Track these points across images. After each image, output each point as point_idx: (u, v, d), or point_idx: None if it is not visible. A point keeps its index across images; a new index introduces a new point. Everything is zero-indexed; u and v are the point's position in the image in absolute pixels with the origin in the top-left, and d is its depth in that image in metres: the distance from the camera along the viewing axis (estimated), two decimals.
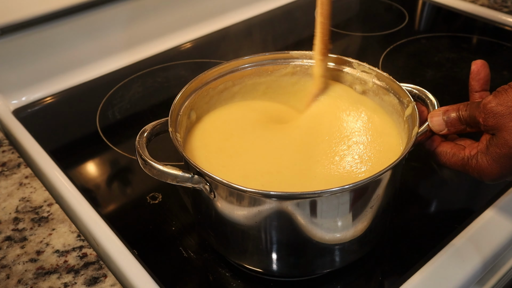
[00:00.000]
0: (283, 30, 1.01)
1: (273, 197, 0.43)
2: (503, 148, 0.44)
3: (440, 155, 0.50)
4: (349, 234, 0.48)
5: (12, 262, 0.53)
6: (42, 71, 0.84)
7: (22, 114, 0.80)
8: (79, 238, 0.55)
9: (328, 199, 0.44)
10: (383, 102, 0.57)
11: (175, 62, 0.92)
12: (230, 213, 0.46)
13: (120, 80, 0.86)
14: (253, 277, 0.53)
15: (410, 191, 0.63)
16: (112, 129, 0.76)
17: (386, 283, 0.53)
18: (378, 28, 1.01)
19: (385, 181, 0.46)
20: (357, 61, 0.58)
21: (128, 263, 0.54)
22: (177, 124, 0.51)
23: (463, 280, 0.52)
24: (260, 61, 0.60)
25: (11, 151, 0.68)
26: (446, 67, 0.87)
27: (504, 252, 0.56)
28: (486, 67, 0.51)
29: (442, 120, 0.49)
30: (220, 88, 0.59)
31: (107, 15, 0.88)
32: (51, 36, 0.83)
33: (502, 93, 0.45)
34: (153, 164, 0.45)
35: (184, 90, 0.54)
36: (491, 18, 1.01)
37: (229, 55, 0.91)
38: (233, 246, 0.51)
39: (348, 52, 0.95)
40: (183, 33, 0.98)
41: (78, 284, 0.50)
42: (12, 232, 0.56)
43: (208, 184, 0.45)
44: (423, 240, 0.56)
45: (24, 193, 0.61)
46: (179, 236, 0.57)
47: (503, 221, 0.57)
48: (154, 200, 0.62)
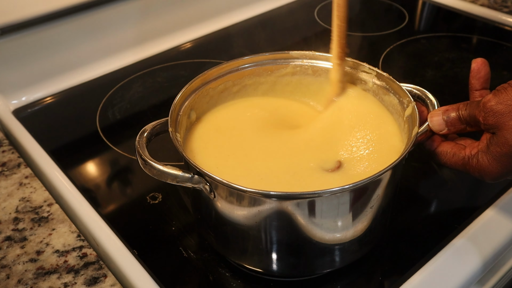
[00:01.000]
0: (283, 30, 1.01)
1: (273, 197, 0.43)
2: (503, 147, 0.44)
3: (441, 155, 0.50)
4: (349, 234, 0.48)
5: (12, 262, 0.53)
6: (42, 71, 0.84)
7: (22, 114, 0.80)
8: (79, 238, 0.55)
9: (328, 199, 0.44)
10: (383, 102, 0.57)
11: (175, 62, 0.92)
12: (230, 213, 0.46)
13: (120, 80, 0.86)
14: (253, 277, 0.53)
15: (410, 191, 0.63)
16: (112, 129, 0.76)
17: (386, 283, 0.53)
18: (378, 28, 1.01)
19: (385, 181, 0.46)
20: (357, 61, 0.58)
21: (128, 263, 0.54)
22: (177, 124, 0.51)
23: (463, 280, 0.52)
24: (260, 61, 0.60)
25: (11, 151, 0.68)
26: (446, 67, 0.87)
27: (504, 252, 0.56)
28: (486, 65, 0.51)
29: (442, 119, 0.49)
30: (220, 88, 0.59)
31: (107, 15, 0.88)
32: (51, 36, 0.83)
33: (502, 92, 0.45)
34: (153, 164, 0.45)
35: (184, 90, 0.54)
36: (491, 18, 1.01)
37: (229, 55, 0.91)
38: (233, 246, 0.51)
39: (348, 52, 0.95)
40: (183, 33, 0.98)
41: (78, 284, 0.50)
42: (12, 232, 0.56)
43: (208, 184, 0.45)
44: (423, 240, 0.56)
45: (24, 193, 0.61)
46: (179, 236, 0.57)
47: (503, 221, 0.57)
48: (154, 200, 0.62)
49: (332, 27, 0.56)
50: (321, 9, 1.08)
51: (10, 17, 0.77)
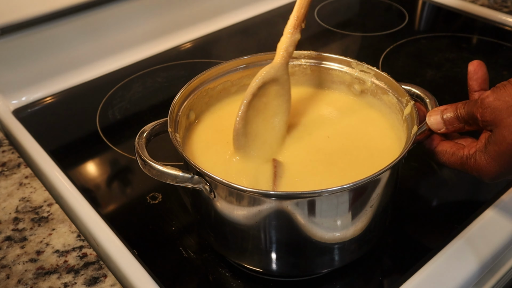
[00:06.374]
0: (282, 31, 1.00)
1: (273, 196, 0.43)
2: (501, 145, 0.44)
3: (440, 154, 0.50)
4: (349, 234, 0.48)
5: (12, 262, 0.53)
6: (42, 71, 0.84)
7: (22, 114, 0.80)
8: (79, 238, 0.56)
9: (328, 199, 0.44)
10: (382, 101, 0.57)
11: (175, 62, 0.92)
12: (230, 213, 0.46)
13: (120, 80, 0.86)
14: (253, 277, 0.53)
15: (410, 191, 0.63)
16: (112, 129, 0.76)
17: (386, 283, 0.53)
18: (378, 28, 1.01)
19: (384, 181, 0.46)
20: (355, 60, 0.58)
21: (128, 263, 0.54)
22: (176, 124, 0.51)
23: (463, 280, 0.52)
24: (259, 61, 0.60)
25: (11, 151, 0.68)
26: (446, 67, 0.87)
27: (504, 252, 0.56)
28: (483, 67, 0.51)
29: (440, 118, 0.49)
30: (219, 88, 0.59)
31: (107, 15, 0.88)
32: (51, 36, 0.83)
33: (500, 89, 0.44)
34: (153, 165, 0.45)
35: (183, 90, 0.54)
36: (491, 18, 1.01)
37: (229, 55, 0.91)
38: (233, 246, 0.51)
39: (348, 52, 0.95)
40: (183, 33, 0.98)
41: (78, 284, 0.50)
42: (12, 232, 0.56)
43: (208, 184, 0.45)
44: (423, 240, 0.56)
45: (24, 193, 0.61)
46: (179, 236, 0.57)
47: (503, 221, 0.57)
48: (154, 200, 0.62)
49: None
50: (321, 9, 1.09)
51: (10, 17, 0.77)
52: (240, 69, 0.60)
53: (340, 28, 1.01)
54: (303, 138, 0.55)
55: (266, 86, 0.54)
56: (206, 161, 0.52)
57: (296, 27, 0.54)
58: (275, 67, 0.54)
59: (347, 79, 0.60)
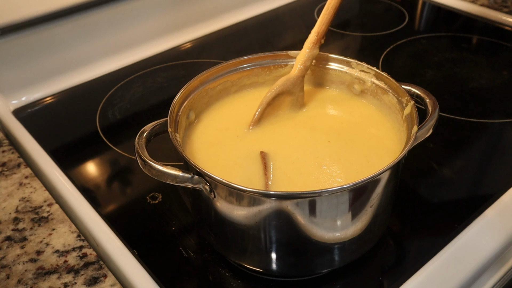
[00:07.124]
0: (282, 30, 1.01)
1: (273, 196, 0.43)
2: None
3: None
4: (349, 234, 0.48)
5: (12, 262, 0.53)
6: (42, 71, 0.84)
7: (22, 114, 0.80)
8: (79, 238, 0.56)
9: (328, 199, 0.44)
10: (381, 101, 0.57)
11: (175, 62, 0.92)
12: (230, 213, 0.46)
13: (120, 80, 0.86)
14: (253, 277, 0.53)
15: (410, 191, 0.63)
16: (112, 129, 0.76)
17: (386, 283, 0.53)
18: (378, 28, 1.01)
19: (384, 181, 0.46)
20: (355, 60, 0.58)
21: (128, 263, 0.54)
22: (176, 124, 0.51)
23: (463, 280, 0.52)
24: (259, 61, 0.60)
25: (11, 151, 0.68)
26: (446, 67, 0.87)
27: (504, 252, 0.56)
28: None
29: None
30: (219, 88, 0.59)
31: (107, 15, 0.88)
32: (51, 36, 0.83)
33: None
34: (153, 165, 0.45)
35: (183, 90, 0.54)
36: (491, 18, 1.01)
37: (229, 55, 0.91)
38: (233, 246, 0.51)
39: (348, 52, 0.95)
40: (183, 33, 0.98)
41: (78, 284, 0.50)
42: (12, 232, 0.56)
43: (208, 184, 0.45)
44: (423, 240, 0.56)
45: (24, 193, 0.61)
46: (179, 236, 0.57)
47: (503, 221, 0.57)
48: (154, 200, 0.62)
49: (321, 14, 0.57)
50: (321, 9, 1.08)
51: (10, 17, 0.77)
52: (240, 69, 0.60)
53: (340, 28, 1.01)
54: (303, 137, 0.55)
55: (280, 96, 0.57)
56: (206, 161, 0.52)
57: (316, 43, 0.57)
58: (291, 80, 0.57)
59: (347, 79, 0.60)
